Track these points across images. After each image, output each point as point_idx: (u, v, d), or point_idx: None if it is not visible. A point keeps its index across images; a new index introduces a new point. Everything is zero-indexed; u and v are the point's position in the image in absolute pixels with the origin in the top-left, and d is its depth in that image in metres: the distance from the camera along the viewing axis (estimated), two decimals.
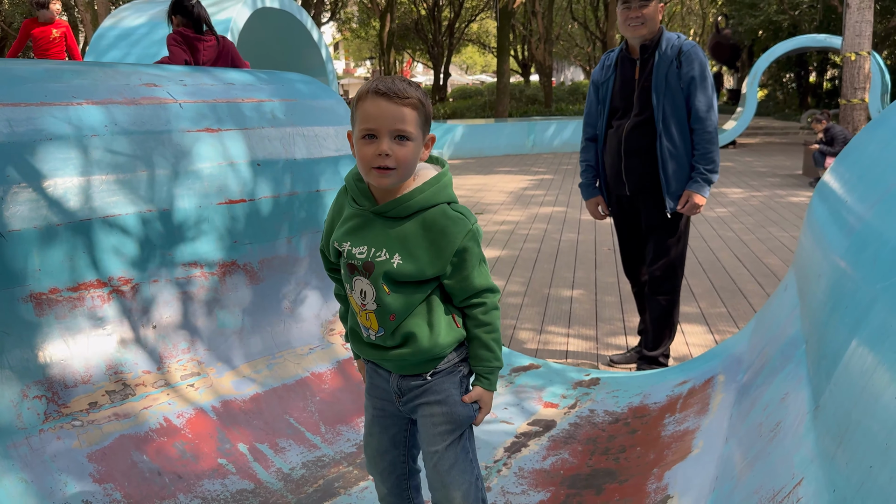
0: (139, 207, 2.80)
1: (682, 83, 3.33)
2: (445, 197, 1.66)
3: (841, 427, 1.29)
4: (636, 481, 2.20)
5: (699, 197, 3.36)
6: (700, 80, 3.32)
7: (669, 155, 3.38)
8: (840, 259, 1.90)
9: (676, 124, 3.37)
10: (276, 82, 3.73)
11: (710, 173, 3.35)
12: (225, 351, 2.85)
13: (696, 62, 3.32)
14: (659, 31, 3.44)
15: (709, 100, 3.34)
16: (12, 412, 2.28)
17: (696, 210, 3.39)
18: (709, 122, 3.34)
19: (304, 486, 2.40)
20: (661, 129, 3.38)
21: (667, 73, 3.35)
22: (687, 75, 3.32)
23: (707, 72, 3.35)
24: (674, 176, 3.39)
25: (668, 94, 3.35)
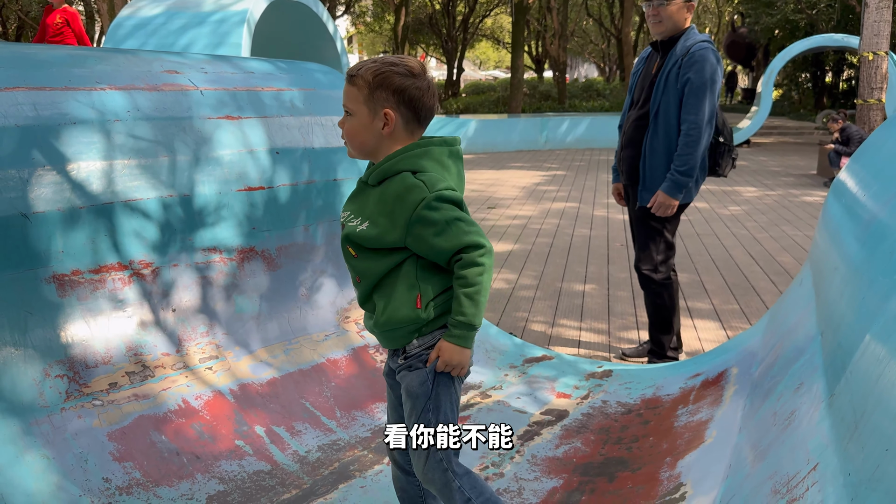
0: (160, 192, 2.84)
1: (679, 84, 3.35)
2: (408, 165, 1.66)
3: (856, 414, 1.31)
4: (649, 470, 2.23)
5: (665, 196, 3.36)
6: (696, 84, 3.30)
7: (652, 150, 3.43)
8: (856, 253, 1.91)
9: (666, 123, 3.40)
10: (296, 72, 3.77)
11: (682, 175, 3.32)
12: (243, 335, 2.89)
13: (695, 66, 3.30)
14: (683, 30, 3.46)
15: (699, 104, 3.30)
16: (35, 390, 2.33)
17: (663, 210, 3.39)
18: (693, 125, 3.31)
19: (319, 469, 2.44)
20: (652, 124, 3.43)
21: (669, 72, 3.39)
22: (684, 77, 3.33)
23: (707, 77, 3.30)
24: (651, 171, 3.44)
25: (665, 93, 3.39)
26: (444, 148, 1.72)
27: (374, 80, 1.66)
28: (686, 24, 3.46)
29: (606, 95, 29.19)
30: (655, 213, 3.42)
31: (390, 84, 1.66)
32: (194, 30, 8.67)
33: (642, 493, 2.10)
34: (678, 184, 3.33)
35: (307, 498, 2.27)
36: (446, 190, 1.65)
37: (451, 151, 1.74)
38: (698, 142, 3.31)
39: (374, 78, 1.66)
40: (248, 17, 8.78)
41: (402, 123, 1.69)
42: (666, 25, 3.44)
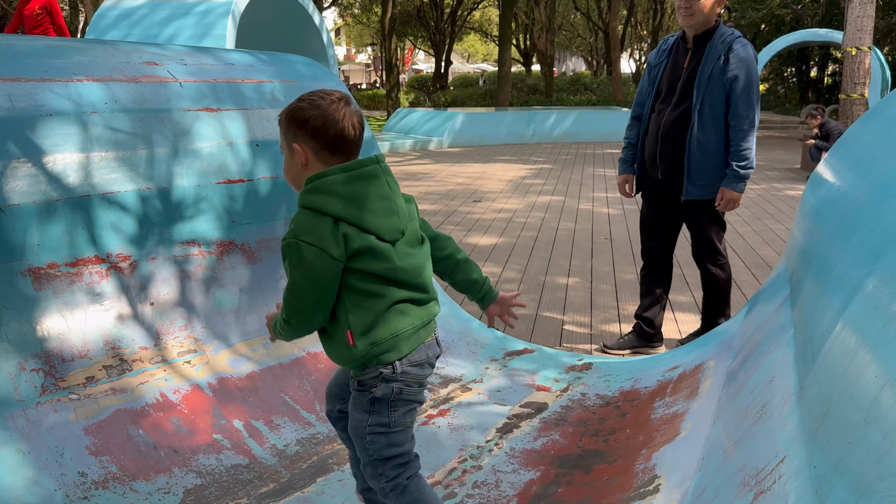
0: (138, 185, 2.82)
1: (725, 80, 3.39)
2: (303, 202, 1.66)
3: (823, 406, 1.32)
4: (624, 462, 2.24)
5: (731, 192, 3.44)
6: (745, 82, 3.37)
7: (698, 145, 3.47)
8: (829, 245, 1.93)
9: (712, 118, 3.45)
10: (277, 63, 3.74)
11: (743, 169, 3.42)
12: (222, 329, 2.88)
13: (743, 63, 3.38)
14: (715, 23, 3.50)
15: (749, 99, 3.38)
16: (10, 384, 2.31)
17: (731, 205, 3.47)
18: (746, 120, 3.39)
19: (298, 462, 2.43)
20: (696, 119, 3.46)
21: (713, 67, 3.41)
22: (731, 73, 3.38)
23: (754, 74, 3.39)
24: (697, 166, 3.49)
25: (709, 88, 3.42)
26: (339, 176, 1.64)
27: (285, 118, 1.72)
28: (716, 18, 3.51)
29: (594, 89, 29.23)
30: (723, 209, 3.50)
31: (295, 119, 1.69)
32: (179, 20, 8.61)
33: (617, 484, 2.12)
34: (741, 178, 3.43)
35: (285, 492, 2.27)
36: (303, 240, 1.60)
37: (351, 176, 1.65)
38: (752, 136, 3.42)
39: (285, 117, 1.71)
40: (232, 9, 8.72)
41: (313, 155, 1.68)
42: (697, 19, 3.46)
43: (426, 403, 2.93)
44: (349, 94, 1.89)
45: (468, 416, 2.82)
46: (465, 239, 6.78)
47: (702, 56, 3.46)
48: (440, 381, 3.12)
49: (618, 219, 7.74)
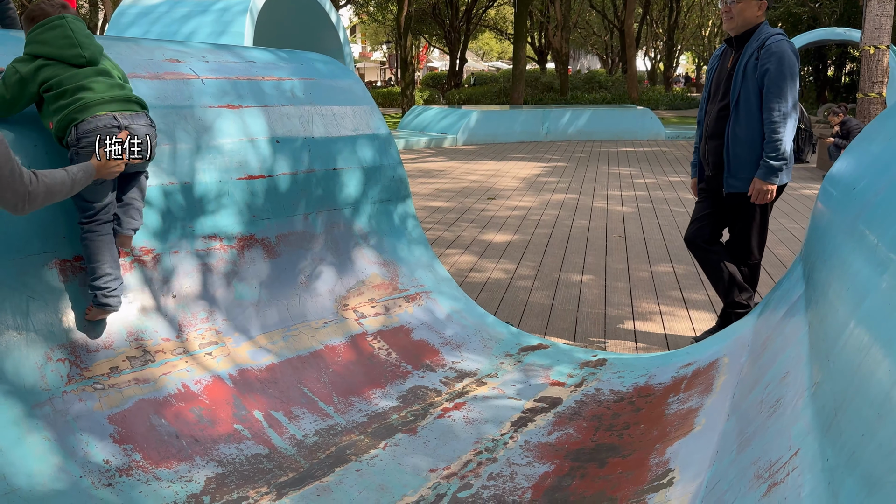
0: (161, 180, 2.87)
1: (758, 74, 3.49)
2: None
3: (837, 401, 1.35)
4: (639, 456, 2.27)
5: (761, 182, 3.51)
6: (775, 73, 3.43)
7: (735, 140, 3.58)
8: (844, 243, 1.95)
9: (748, 112, 3.54)
10: (297, 61, 3.79)
11: (774, 160, 3.47)
12: (242, 322, 2.93)
13: (774, 56, 3.45)
14: (756, 25, 3.59)
15: (781, 92, 3.44)
16: (37, 374, 2.37)
17: (762, 197, 3.53)
18: (777, 112, 3.45)
19: (316, 453, 2.48)
20: (734, 115, 3.58)
21: (747, 63, 3.53)
22: (762, 67, 3.47)
23: (786, 66, 3.44)
24: (735, 160, 3.59)
25: (745, 84, 3.53)
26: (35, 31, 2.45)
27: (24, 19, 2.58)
28: (759, 20, 3.60)
29: (608, 87, 29.14)
30: (755, 200, 3.55)
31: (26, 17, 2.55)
32: (197, 18, 8.69)
33: (632, 478, 2.14)
34: (772, 169, 3.49)
35: (304, 481, 2.32)
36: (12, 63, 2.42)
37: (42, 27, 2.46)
38: (784, 128, 3.47)
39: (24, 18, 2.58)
40: (251, 7, 8.79)
41: None
42: (736, 21, 3.58)
43: (442, 396, 2.97)
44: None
45: (483, 410, 2.86)
46: (479, 236, 6.81)
47: (740, 55, 3.59)
48: (455, 375, 3.16)
49: (632, 217, 7.74)
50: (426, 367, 3.18)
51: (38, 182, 2.07)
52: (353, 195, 3.64)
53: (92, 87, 2.44)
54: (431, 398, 2.95)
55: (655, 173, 11.43)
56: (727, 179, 3.63)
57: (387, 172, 3.85)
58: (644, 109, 18.49)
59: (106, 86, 2.48)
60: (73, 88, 2.40)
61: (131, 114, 2.49)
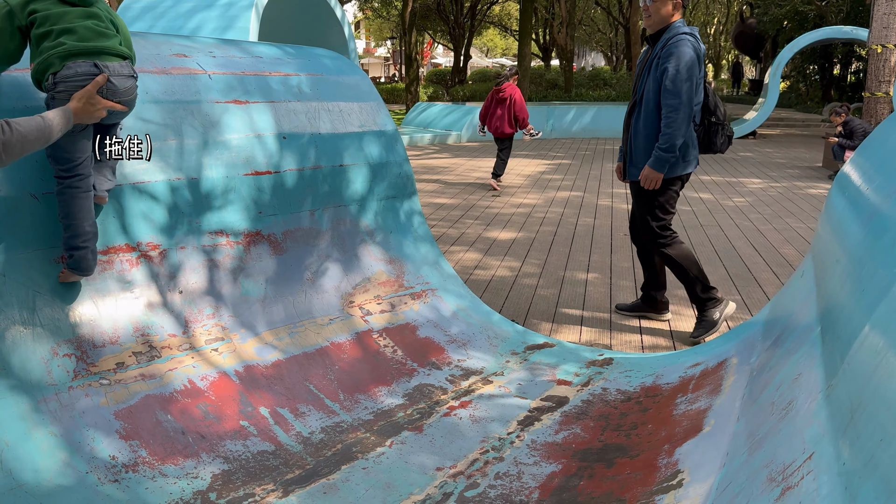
0: (168, 175, 2.86)
1: (658, 72, 3.73)
2: None
3: (853, 404, 1.33)
4: (647, 456, 2.26)
5: (649, 170, 3.78)
6: (672, 72, 3.65)
7: (637, 132, 3.90)
8: (858, 245, 1.93)
9: (648, 107, 3.82)
10: (303, 57, 3.78)
11: (663, 152, 3.73)
12: (248, 318, 2.92)
13: (673, 56, 3.66)
14: (667, 24, 3.79)
15: (676, 89, 3.65)
16: (43, 369, 2.36)
17: (649, 183, 3.81)
18: (671, 108, 3.67)
19: (322, 450, 2.47)
20: (637, 109, 3.89)
21: (652, 61, 3.78)
22: (662, 66, 3.71)
23: (682, 65, 3.64)
24: (636, 151, 3.91)
25: (649, 81, 3.79)
26: None
27: None
28: (673, 19, 3.79)
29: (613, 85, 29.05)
30: (644, 185, 3.84)
31: None
32: (203, 13, 8.67)
33: (640, 479, 2.13)
34: (660, 159, 3.74)
35: (310, 478, 2.31)
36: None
37: None
38: (676, 123, 3.68)
39: None
40: (256, 2, 8.77)
41: None
42: (654, 19, 3.81)
43: (448, 394, 2.96)
44: None
45: (490, 409, 2.85)
46: (484, 233, 6.79)
47: (652, 52, 3.83)
48: (461, 374, 3.15)
49: None
50: (432, 365, 3.17)
51: (10, 131, 1.96)
52: (360, 192, 3.62)
53: (76, 31, 2.33)
54: (437, 396, 2.94)
55: None
56: (629, 168, 3.98)
57: (393, 169, 3.84)
58: None
59: (92, 32, 2.36)
60: (58, 30, 2.30)
61: (114, 63, 2.38)
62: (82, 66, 2.31)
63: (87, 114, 2.28)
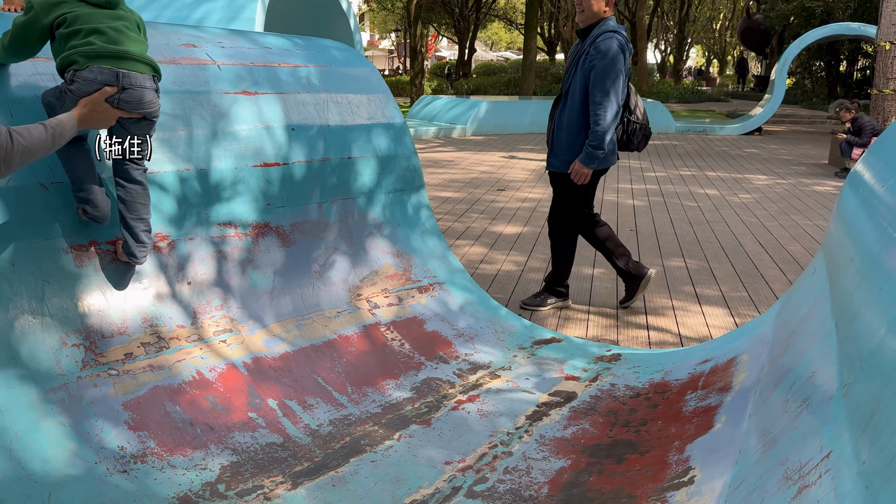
0: (177, 166, 2.85)
1: (586, 69, 3.85)
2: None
3: (872, 403, 1.32)
4: (657, 453, 2.25)
5: (580, 165, 3.91)
6: (600, 69, 3.77)
7: (560, 125, 4.03)
8: (873, 244, 1.91)
9: (573, 101, 3.94)
10: (312, 48, 3.76)
11: (594, 149, 3.86)
12: (256, 310, 2.91)
13: (600, 53, 3.78)
14: (599, 20, 3.90)
15: (604, 87, 3.78)
16: (52, 358, 2.36)
17: (579, 178, 3.94)
18: (599, 106, 3.81)
19: (331, 443, 2.47)
20: (563, 102, 4.02)
21: (580, 57, 3.89)
22: (590, 62, 3.82)
23: (609, 63, 3.76)
24: (558, 142, 4.04)
25: (577, 75, 3.91)
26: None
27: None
28: (605, 15, 3.89)
29: None
30: (574, 179, 3.97)
31: None
32: (208, 3, 8.64)
33: (650, 475, 2.13)
34: (591, 155, 3.88)
35: (319, 471, 2.30)
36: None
37: None
38: (605, 119, 3.82)
39: None
40: None
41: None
42: (587, 14, 3.90)
43: (455, 388, 2.95)
44: None
45: (497, 403, 2.84)
46: (489, 227, 6.78)
47: (583, 47, 3.93)
48: (469, 368, 3.14)
49: (643, 210, 7.70)
50: (439, 359, 3.16)
51: (12, 145, 1.93)
52: (368, 184, 3.61)
53: (106, 33, 2.32)
54: (445, 390, 2.93)
55: (666, 167, 11.36)
56: (549, 159, 4.14)
57: (401, 162, 3.82)
58: (654, 102, 18.37)
59: (121, 35, 2.35)
60: (87, 30, 2.29)
61: (138, 74, 2.35)
62: (103, 75, 2.29)
63: (94, 121, 2.29)
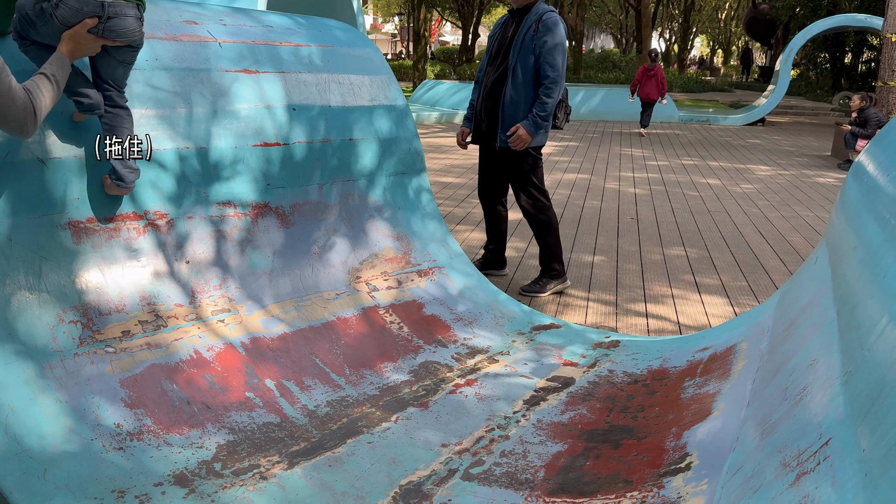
0: (177, 143, 2.83)
1: (535, 45, 3.98)
2: None
3: (873, 391, 1.31)
4: (654, 439, 2.25)
5: (523, 130, 4.01)
6: (550, 45, 3.95)
7: (508, 101, 4.09)
8: (876, 235, 1.90)
9: (522, 77, 4.05)
10: (315, 28, 3.73)
11: (541, 119, 4.01)
12: (255, 290, 2.90)
13: (550, 31, 3.95)
14: (535, 1, 4.09)
15: (555, 63, 3.97)
16: (49, 335, 2.35)
17: (518, 142, 4.04)
18: (550, 79, 3.97)
19: (328, 423, 2.46)
20: (509, 79, 4.10)
21: (525, 35, 4.02)
22: (541, 40, 3.97)
23: (559, 40, 3.97)
24: (508, 118, 4.10)
25: (522, 53, 4.03)
26: None
27: None
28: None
29: (622, 67, 28.84)
30: (512, 143, 4.05)
31: None
32: None
33: (647, 461, 2.12)
34: (537, 123, 4.03)
35: (316, 451, 2.30)
36: None
37: None
38: (556, 92, 4.01)
39: None
40: None
41: None
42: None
43: (454, 372, 2.94)
44: None
45: (495, 387, 2.83)
46: None
47: (520, 26, 4.07)
48: (467, 352, 3.14)
49: (644, 199, 7.67)
50: (438, 343, 3.16)
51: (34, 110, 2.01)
52: (369, 167, 3.59)
53: None
54: (443, 374, 2.93)
55: (668, 156, 11.33)
56: (500, 135, 4.13)
57: (403, 145, 3.80)
58: None
59: None
60: None
61: (123, 3, 2.33)
62: (89, 6, 2.27)
63: (80, 52, 2.31)
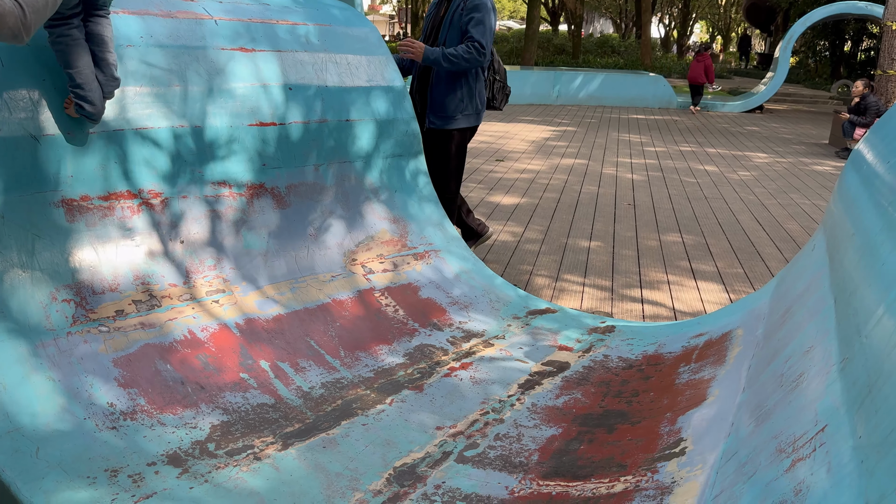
0: (172, 122, 2.80)
1: (462, 22, 3.99)
2: None
3: (871, 378, 1.30)
4: (648, 424, 2.25)
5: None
6: (476, 19, 3.95)
7: (438, 81, 4.05)
8: (874, 222, 1.89)
9: None
10: (312, 6, 3.68)
11: (443, 57, 3.91)
12: (250, 271, 2.89)
13: (475, 8, 3.97)
14: None
15: (480, 31, 3.95)
16: (42, 313, 2.33)
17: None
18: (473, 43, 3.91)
19: (322, 405, 2.46)
20: None
21: (454, 13, 4.03)
22: (467, 17, 3.97)
23: (484, 14, 3.97)
24: (437, 97, 4.06)
25: (451, 31, 4.03)
26: None
27: None
28: None
29: (621, 52, 28.72)
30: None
31: None
32: None
33: (641, 445, 2.12)
34: (437, 60, 3.92)
35: (310, 432, 2.30)
36: None
37: None
38: (471, 55, 3.92)
39: None
40: None
41: None
42: None
43: (449, 355, 2.94)
44: None
45: (490, 371, 2.83)
46: (487, 198, 6.74)
47: (450, 5, 4.09)
48: (463, 335, 3.13)
49: (642, 185, 7.66)
50: (433, 326, 3.15)
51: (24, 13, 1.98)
52: (366, 148, 3.56)
53: None
54: (438, 357, 2.92)
55: (666, 142, 11.30)
56: (428, 116, 4.10)
57: (400, 127, 3.77)
58: (657, 76, 18.23)
59: None
60: None
61: None
62: None
63: None
